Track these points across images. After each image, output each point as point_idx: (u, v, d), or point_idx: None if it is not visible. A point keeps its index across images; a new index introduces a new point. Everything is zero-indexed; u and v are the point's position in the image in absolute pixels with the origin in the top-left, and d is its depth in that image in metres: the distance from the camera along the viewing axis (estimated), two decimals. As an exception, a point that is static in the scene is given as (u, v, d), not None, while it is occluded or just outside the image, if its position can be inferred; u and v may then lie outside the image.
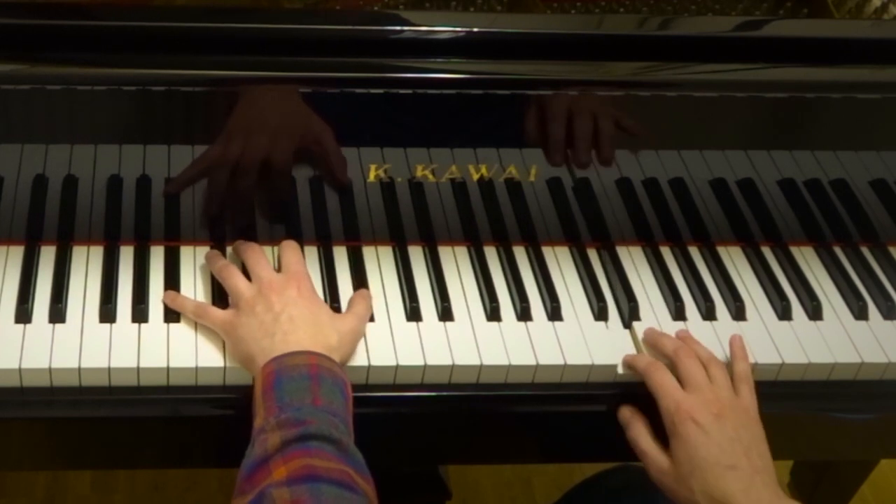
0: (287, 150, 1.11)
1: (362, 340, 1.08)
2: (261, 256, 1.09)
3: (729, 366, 1.08)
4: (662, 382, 1.04)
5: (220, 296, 1.10)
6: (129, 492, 1.91)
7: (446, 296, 1.14)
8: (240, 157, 1.10)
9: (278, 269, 1.10)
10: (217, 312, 1.06)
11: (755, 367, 1.10)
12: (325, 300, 1.12)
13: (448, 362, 1.07)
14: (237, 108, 1.07)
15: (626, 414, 1.07)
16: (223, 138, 1.09)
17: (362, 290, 1.12)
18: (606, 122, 1.15)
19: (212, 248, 1.16)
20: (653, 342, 1.10)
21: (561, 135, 1.14)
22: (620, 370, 1.09)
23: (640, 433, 1.05)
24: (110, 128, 1.10)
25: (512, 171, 1.16)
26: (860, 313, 1.19)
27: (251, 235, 1.17)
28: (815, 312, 1.18)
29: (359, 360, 1.06)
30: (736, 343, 1.10)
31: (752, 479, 0.98)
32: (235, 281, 1.07)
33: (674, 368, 1.06)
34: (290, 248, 1.11)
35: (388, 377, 1.06)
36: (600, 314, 1.15)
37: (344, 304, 1.11)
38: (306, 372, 0.96)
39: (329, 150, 1.12)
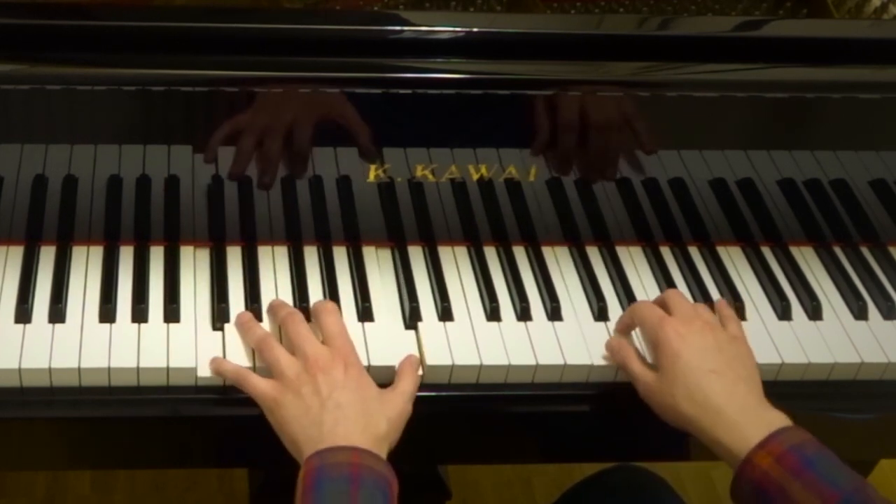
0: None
1: (362, 340, 1.08)
2: (303, 327, 1.04)
3: None
4: (645, 306, 1.07)
5: (219, 297, 1.10)
6: (129, 492, 1.91)
7: (446, 296, 1.14)
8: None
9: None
10: (259, 384, 1.00)
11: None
12: (325, 300, 1.12)
13: (448, 362, 1.07)
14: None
15: (615, 342, 1.08)
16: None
17: (412, 360, 1.05)
18: (606, 123, 1.14)
19: (210, 247, 1.16)
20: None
21: (560, 135, 1.14)
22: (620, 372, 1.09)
23: (628, 356, 1.06)
24: (110, 128, 1.10)
25: (512, 171, 1.16)
26: (860, 313, 1.19)
27: (251, 235, 1.17)
28: (814, 312, 1.18)
29: (359, 360, 1.06)
30: (721, 302, 1.14)
31: (736, 384, 0.99)
32: (277, 355, 1.01)
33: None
34: (330, 313, 1.05)
35: (388, 377, 1.06)
36: (600, 314, 1.15)
37: (344, 305, 1.11)
38: (347, 473, 0.92)
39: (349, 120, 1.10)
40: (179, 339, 1.06)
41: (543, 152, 1.16)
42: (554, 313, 1.14)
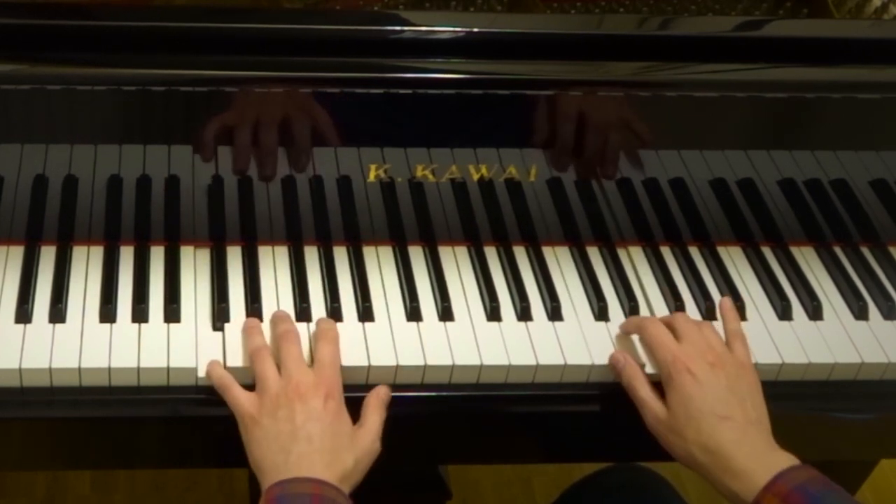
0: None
1: (362, 340, 1.08)
2: (296, 348, 1.03)
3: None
4: (657, 334, 1.05)
5: (220, 297, 1.10)
6: (129, 492, 1.91)
7: (446, 296, 1.14)
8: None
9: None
10: (240, 396, 1.00)
11: (755, 368, 1.10)
12: (325, 301, 1.12)
13: (448, 362, 1.07)
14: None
15: (620, 358, 1.07)
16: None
17: (379, 394, 1.04)
18: (606, 123, 1.14)
19: (211, 248, 1.16)
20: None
21: (560, 135, 1.14)
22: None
23: (635, 378, 1.05)
24: (110, 128, 1.10)
25: (512, 171, 1.16)
26: (860, 313, 1.19)
27: (252, 235, 1.17)
28: (815, 312, 1.18)
29: (359, 360, 1.06)
30: (725, 304, 1.12)
31: (746, 430, 0.99)
32: (265, 369, 1.01)
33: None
34: (328, 341, 1.04)
35: (388, 377, 1.06)
36: (600, 314, 1.15)
37: (344, 305, 1.11)
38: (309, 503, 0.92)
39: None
40: (180, 339, 1.06)
41: (544, 152, 1.16)
42: (554, 313, 1.14)
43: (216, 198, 1.15)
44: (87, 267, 1.13)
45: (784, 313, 1.18)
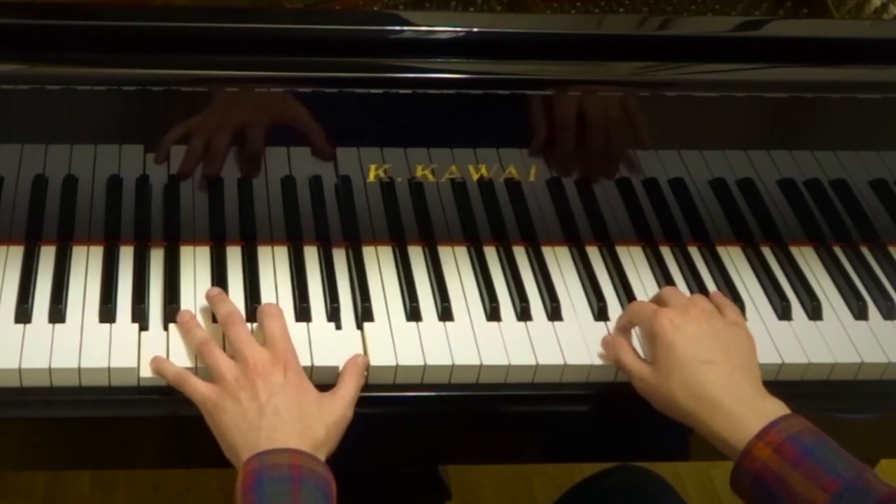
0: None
1: (362, 340, 1.08)
2: (243, 330, 1.03)
3: None
4: (640, 304, 1.08)
5: (220, 296, 1.10)
6: (129, 492, 1.91)
7: (446, 296, 1.14)
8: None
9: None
10: (199, 387, 1.00)
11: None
12: (325, 301, 1.12)
13: (448, 362, 1.07)
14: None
15: (608, 338, 1.08)
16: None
17: (356, 362, 1.04)
18: (606, 123, 1.14)
19: (211, 248, 1.16)
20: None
21: (560, 135, 1.14)
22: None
23: (621, 349, 1.06)
24: (110, 128, 1.10)
25: (512, 171, 1.16)
26: (860, 313, 1.19)
27: (251, 235, 1.17)
28: (815, 312, 1.18)
29: (359, 360, 1.06)
30: (715, 294, 1.14)
31: (732, 374, 0.99)
32: (217, 359, 1.01)
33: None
34: (272, 316, 1.04)
35: (388, 377, 1.06)
36: (600, 314, 1.15)
37: (343, 304, 1.11)
38: (288, 473, 0.92)
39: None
40: (179, 338, 1.06)
41: (543, 152, 1.16)
42: (554, 313, 1.14)
43: (216, 198, 1.15)
44: (86, 267, 1.13)
45: (784, 313, 1.18)
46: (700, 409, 0.98)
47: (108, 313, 1.07)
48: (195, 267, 1.14)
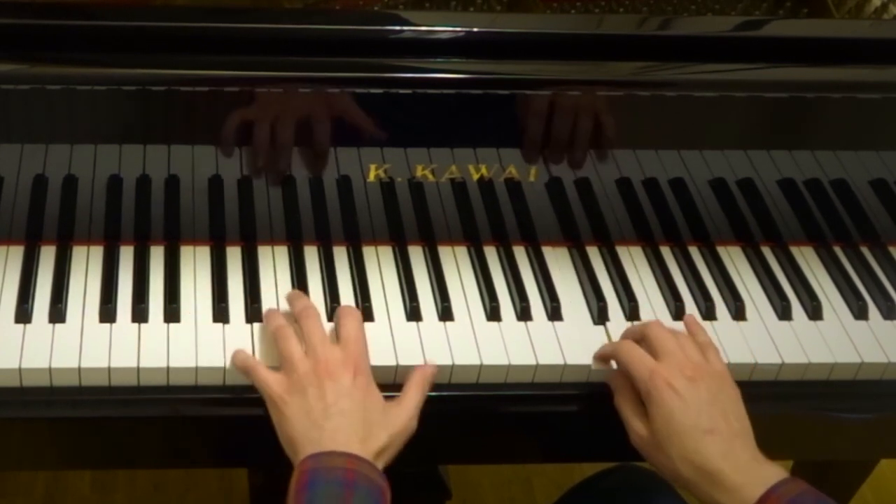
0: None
1: (362, 340, 1.08)
2: (318, 326, 1.03)
3: None
4: (632, 353, 1.03)
5: (219, 297, 1.10)
6: (129, 492, 1.91)
7: (446, 296, 1.14)
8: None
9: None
10: (268, 376, 1.00)
11: (755, 368, 1.10)
12: (325, 301, 1.12)
13: (448, 362, 1.07)
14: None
15: (618, 381, 1.06)
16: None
17: (422, 373, 1.03)
18: (606, 122, 1.14)
19: (211, 248, 1.16)
20: (622, 335, 1.10)
21: (560, 135, 1.14)
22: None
23: (624, 399, 1.04)
24: (110, 128, 1.10)
25: (512, 171, 1.16)
26: (860, 313, 1.19)
27: (251, 235, 1.17)
28: (815, 312, 1.18)
29: (359, 360, 1.06)
30: (689, 319, 1.12)
31: (732, 443, 0.97)
32: (291, 348, 1.01)
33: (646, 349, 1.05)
34: (351, 317, 1.04)
35: (388, 377, 1.06)
36: (600, 314, 1.15)
37: (343, 304, 1.11)
38: (342, 477, 0.92)
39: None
40: (180, 338, 1.06)
41: (543, 152, 1.16)
42: (554, 313, 1.14)
43: (216, 198, 1.15)
44: (86, 267, 1.13)
45: (784, 313, 1.18)
46: (701, 480, 0.97)
47: (108, 313, 1.07)
48: (195, 267, 1.14)
